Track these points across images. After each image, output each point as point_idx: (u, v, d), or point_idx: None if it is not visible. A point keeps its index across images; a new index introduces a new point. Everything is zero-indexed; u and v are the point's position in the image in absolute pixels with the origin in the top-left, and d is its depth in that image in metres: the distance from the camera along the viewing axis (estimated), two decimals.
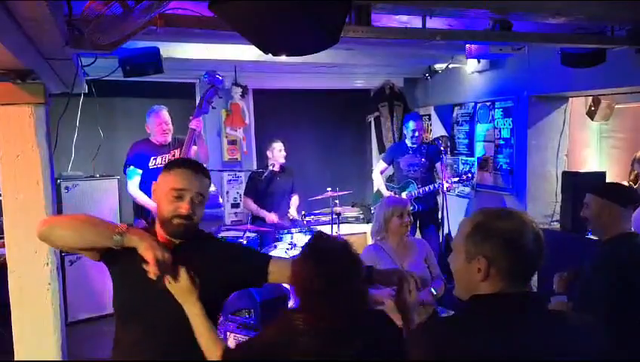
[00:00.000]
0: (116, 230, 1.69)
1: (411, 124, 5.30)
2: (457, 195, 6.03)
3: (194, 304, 1.72)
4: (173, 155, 4.29)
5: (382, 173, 5.61)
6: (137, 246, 1.68)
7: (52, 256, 2.55)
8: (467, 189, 5.91)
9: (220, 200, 4.32)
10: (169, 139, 4.41)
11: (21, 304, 2.52)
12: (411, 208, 3.29)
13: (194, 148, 4.37)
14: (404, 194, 5.23)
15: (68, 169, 4.86)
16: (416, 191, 5.19)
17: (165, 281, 1.70)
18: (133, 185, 4.37)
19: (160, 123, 4.35)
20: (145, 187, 4.35)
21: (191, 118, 4.23)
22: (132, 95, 5.56)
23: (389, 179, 5.81)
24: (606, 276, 2.29)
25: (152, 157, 4.37)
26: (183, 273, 1.71)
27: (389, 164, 5.59)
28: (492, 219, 1.36)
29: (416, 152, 5.30)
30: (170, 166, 1.86)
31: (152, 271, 1.65)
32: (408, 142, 5.36)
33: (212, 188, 4.25)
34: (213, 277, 1.80)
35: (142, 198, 4.31)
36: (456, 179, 5.20)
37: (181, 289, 1.71)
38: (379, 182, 5.57)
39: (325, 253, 1.63)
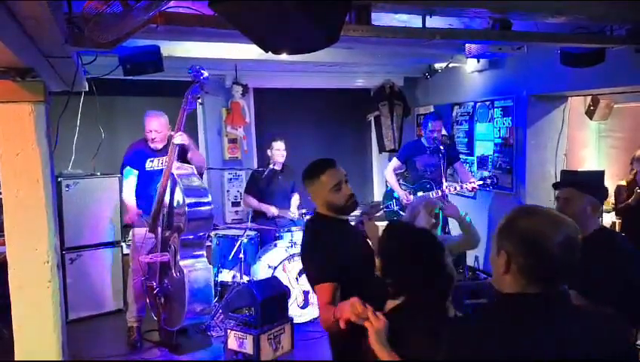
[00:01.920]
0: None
1: (430, 125, 5.11)
2: (457, 194, 6.01)
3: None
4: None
5: (395, 171, 5.42)
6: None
7: (52, 253, 2.55)
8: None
9: (209, 198, 4.17)
10: (159, 147, 4.32)
11: (21, 302, 2.52)
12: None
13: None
14: (419, 195, 5.11)
15: (68, 167, 4.85)
16: (433, 193, 5.03)
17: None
18: (128, 186, 4.36)
19: (149, 130, 4.29)
20: (141, 188, 4.33)
21: (172, 132, 4.14)
22: (133, 93, 5.57)
23: (401, 178, 5.64)
24: None
25: (149, 159, 4.35)
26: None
27: (403, 163, 5.41)
28: (517, 217, 1.40)
29: (434, 153, 5.10)
30: (317, 173, 2.35)
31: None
32: (425, 141, 5.22)
33: (202, 184, 4.25)
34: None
35: (127, 201, 4.36)
36: (480, 183, 5.00)
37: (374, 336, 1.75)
38: (392, 181, 5.36)
39: None
